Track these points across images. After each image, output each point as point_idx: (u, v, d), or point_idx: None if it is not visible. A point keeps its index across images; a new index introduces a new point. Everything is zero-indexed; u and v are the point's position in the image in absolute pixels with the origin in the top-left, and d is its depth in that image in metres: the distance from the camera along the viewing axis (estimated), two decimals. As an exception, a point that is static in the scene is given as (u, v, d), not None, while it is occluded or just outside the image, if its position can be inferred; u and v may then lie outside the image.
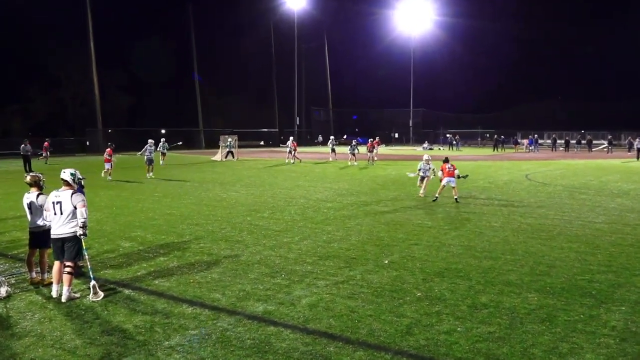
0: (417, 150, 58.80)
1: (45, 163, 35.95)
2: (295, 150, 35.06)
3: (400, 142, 79.19)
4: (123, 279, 7.99)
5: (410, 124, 79.67)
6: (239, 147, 41.55)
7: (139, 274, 8.24)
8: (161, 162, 33.87)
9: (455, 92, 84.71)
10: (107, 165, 23.75)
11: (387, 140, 77.03)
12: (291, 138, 37.16)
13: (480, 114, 77.66)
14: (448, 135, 66.14)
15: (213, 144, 55.01)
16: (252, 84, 72.31)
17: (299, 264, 8.68)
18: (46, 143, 38.36)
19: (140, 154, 27.27)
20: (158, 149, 35.20)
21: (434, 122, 78.63)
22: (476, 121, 76.00)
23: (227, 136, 41.15)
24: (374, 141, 36.42)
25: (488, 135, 74.04)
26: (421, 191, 17.02)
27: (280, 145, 38.96)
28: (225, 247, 9.88)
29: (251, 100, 71.73)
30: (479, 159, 40.62)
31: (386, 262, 8.79)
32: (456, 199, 15.41)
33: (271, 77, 74.94)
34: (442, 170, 16.19)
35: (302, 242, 10.31)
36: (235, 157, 38.45)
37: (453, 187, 15.67)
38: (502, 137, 59.54)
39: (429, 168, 17.74)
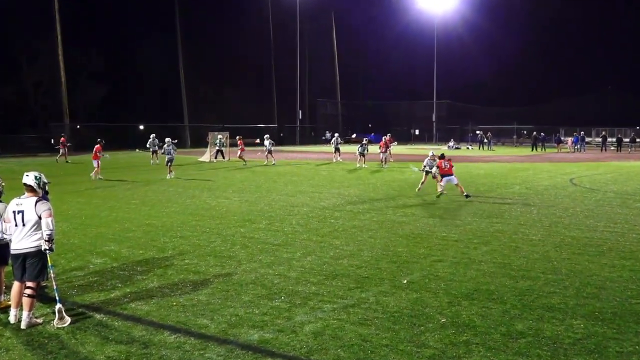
0: (442, 149, 58.70)
1: (66, 162, 37.52)
2: (242, 151, 35.64)
3: (421, 140, 79.21)
4: (94, 301, 8.00)
5: (433, 119, 79.74)
6: (231, 145, 41.63)
7: (112, 295, 8.25)
8: (151, 161, 34.80)
9: (487, 81, 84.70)
10: (95, 163, 25.68)
11: (406, 138, 77.15)
12: (235, 137, 37.48)
13: (516, 108, 77.46)
14: (478, 132, 66.21)
15: (200, 142, 55.27)
16: (247, 72, 72.52)
17: (302, 284, 8.68)
18: (63, 138, 39.91)
19: (148, 148, 29.67)
20: (148, 146, 36.08)
21: (461, 116, 78.61)
22: (511, 116, 75.84)
23: (216, 133, 41.28)
24: (387, 139, 36.01)
25: (525, 132, 74.01)
26: (434, 187, 18.35)
27: (257, 143, 38.93)
28: (215, 264, 9.90)
29: (246, 91, 71.95)
30: (514, 160, 40.57)
31: (404, 282, 8.78)
32: (466, 195, 15.69)
33: (269, 64, 75.23)
34: (438, 167, 16.58)
35: (305, 258, 10.31)
36: (227, 158, 38.55)
37: (457, 185, 16.02)
38: (542, 134, 59.50)
39: (435, 165, 18.82)
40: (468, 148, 62.14)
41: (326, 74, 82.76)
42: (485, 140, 61.58)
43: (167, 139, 28.60)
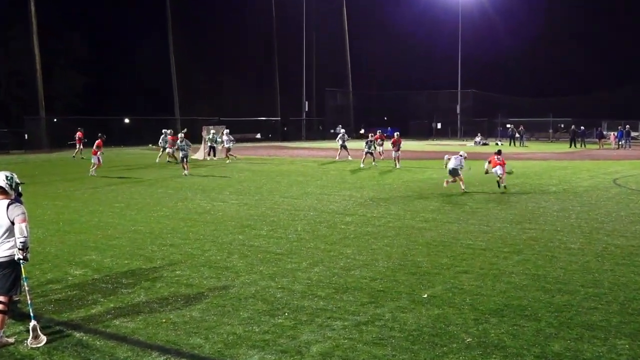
0: (468, 145, 58.65)
1: (82, 158, 38.46)
2: (172, 148, 35.78)
3: (444, 134, 79.10)
4: (73, 318, 8.03)
5: (458, 110, 79.63)
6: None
7: (93, 311, 8.28)
8: (157, 159, 35.51)
9: (518, 68, 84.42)
10: (94, 159, 27.93)
11: (426, 134, 77.11)
12: (167, 131, 37.44)
13: (552, 98, 77.16)
14: (509, 126, 65.96)
15: (194, 138, 55.27)
16: (246, 59, 72.57)
17: (308, 299, 8.69)
18: (80, 133, 41.30)
19: (161, 144, 33.47)
20: (159, 144, 36.35)
21: (489, 107, 78.32)
22: (547, 107, 75.57)
23: (211, 127, 41.41)
24: (395, 139, 33.35)
25: (562, 126, 73.69)
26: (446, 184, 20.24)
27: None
28: (210, 276, 9.92)
29: (245, 80, 72.02)
30: (550, 157, 40.45)
31: (425, 296, 8.77)
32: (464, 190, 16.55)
33: (271, 49, 75.33)
34: (489, 162, 17.54)
35: (312, 268, 10.32)
36: (223, 155, 38.58)
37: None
38: (582, 128, 59.26)
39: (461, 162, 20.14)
40: (497, 144, 61.84)
41: (336, 61, 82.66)
42: (517, 135, 61.34)
43: (180, 135, 30.37)
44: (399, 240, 12.54)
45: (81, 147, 40.86)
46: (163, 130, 37.65)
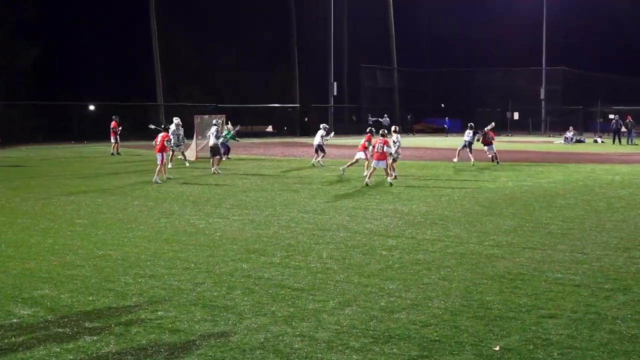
0: (556, 143, 58.32)
1: (118, 153, 41.29)
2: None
3: (522, 127, 78.57)
4: (20, 373, 8.08)
5: (542, 95, 79.16)
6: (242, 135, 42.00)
7: (47, 364, 8.32)
8: (170, 164, 34.59)
9: (624, 40, 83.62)
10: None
11: (499, 126, 76.41)
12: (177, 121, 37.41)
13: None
14: (613, 117, 65.23)
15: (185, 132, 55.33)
16: (253, 26, 72.62)
17: (337, 351, 8.68)
18: (114, 122, 43.41)
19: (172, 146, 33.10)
20: (171, 143, 36.44)
21: (585, 92, 77.73)
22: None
23: (206, 116, 41.64)
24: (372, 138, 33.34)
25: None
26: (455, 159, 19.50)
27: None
28: (203, 319, 9.92)
29: (251, 54, 72.04)
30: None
31: (496, 349, 8.71)
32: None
33: (287, 11, 75.31)
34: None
35: (341, 310, 10.29)
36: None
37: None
38: None
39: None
40: (597, 141, 61.44)
41: (375, 29, 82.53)
42: (624, 130, 60.70)
43: (215, 121, 33.94)
44: (461, 272, 12.48)
45: (118, 140, 43.21)
46: (174, 119, 37.11)
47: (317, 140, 37.72)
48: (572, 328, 9.47)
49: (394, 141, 28.84)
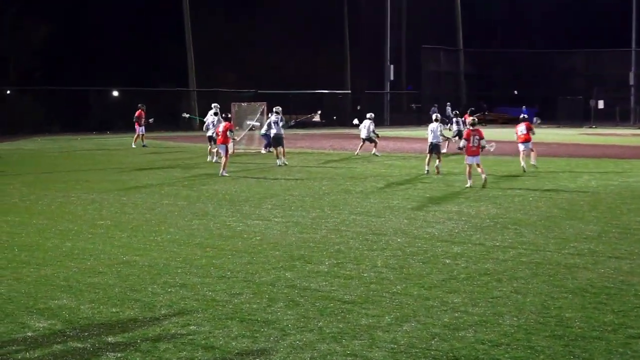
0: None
1: (144, 146, 42.34)
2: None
3: (608, 118, 77.76)
4: (34, 393, 8.15)
5: (631, 81, 78.25)
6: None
7: (65, 384, 8.39)
8: (210, 157, 35.33)
9: None
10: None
11: (580, 116, 75.84)
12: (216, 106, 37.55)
13: None
14: None
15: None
16: (298, 3, 72.67)
17: (393, 374, 8.62)
18: (139, 111, 44.55)
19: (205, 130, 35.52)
20: (206, 129, 36.97)
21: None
22: None
23: (244, 104, 41.78)
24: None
25: None
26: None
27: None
28: (241, 334, 9.92)
29: (294, 32, 72.16)
30: None
31: (578, 374, 8.61)
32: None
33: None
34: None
35: (398, 326, 10.24)
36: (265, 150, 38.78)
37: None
38: None
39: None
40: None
41: (438, 5, 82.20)
42: None
43: (274, 109, 34.58)
44: (537, 285, 12.35)
45: (143, 130, 44.15)
46: (213, 106, 37.25)
47: (365, 132, 37.82)
48: (668, 351, 9.34)
49: (431, 130, 29.25)
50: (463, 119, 39.63)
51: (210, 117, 36.29)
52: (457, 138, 36.84)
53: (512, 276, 12.93)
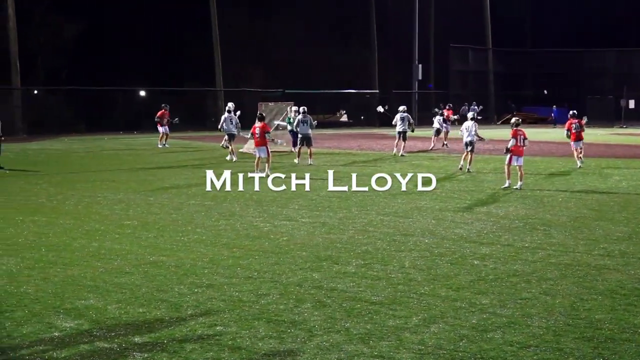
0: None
1: (166, 145, 42.80)
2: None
3: (639, 119, 77.21)
4: (61, 394, 8.20)
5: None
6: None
7: (92, 384, 8.44)
8: (229, 156, 35.75)
9: None
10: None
11: (610, 117, 75.36)
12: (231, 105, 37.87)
13: None
14: None
15: (245, 121, 55.43)
16: (325, 1, 72.58)
17: (421, 376, 8.61)
18: (162, 111, 44.84)
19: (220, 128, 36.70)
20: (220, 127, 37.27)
21: None
22: None
23: (272, 104, 41.75)
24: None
25: None
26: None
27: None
28: (268, 335, 9.94)
29: (319, 30, 72.04)
30: None
31: (608, 376, 8.58)
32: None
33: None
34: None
35: (426, 327, 10.24)
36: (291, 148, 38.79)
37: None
38: None
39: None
40: None
41: (467, 4, 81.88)
42: None
43: (301, 108, 35.34)
44: (566, 286, 12.32)
45: (167, 130, 44.46)
46: (229, 106, 37.91)
47: (400, 126, 37.56)
48: (699, 354, 9.29)
49: (465, 128, 29.44)
50: (446, 115, 40.44)
51: (226, 115, 37.21)
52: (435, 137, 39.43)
53: (541, 277, 12.91)
